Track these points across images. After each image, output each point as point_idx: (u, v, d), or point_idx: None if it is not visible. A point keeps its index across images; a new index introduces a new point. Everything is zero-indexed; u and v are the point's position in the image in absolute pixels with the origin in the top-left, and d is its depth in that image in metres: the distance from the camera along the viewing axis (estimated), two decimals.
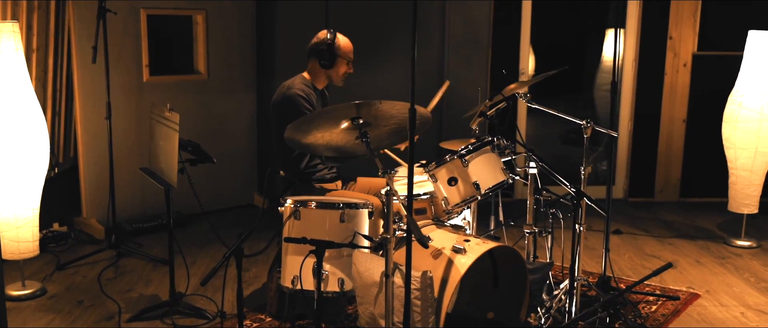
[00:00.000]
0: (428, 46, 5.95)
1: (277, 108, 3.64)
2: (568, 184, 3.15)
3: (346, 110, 2.83)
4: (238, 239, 2.91)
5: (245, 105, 5.75)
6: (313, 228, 3.07)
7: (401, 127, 3.00)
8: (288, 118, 3.59)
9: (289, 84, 3.69)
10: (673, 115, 6.07)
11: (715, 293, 4.09)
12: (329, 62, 3.69)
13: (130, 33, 5.06)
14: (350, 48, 3.74)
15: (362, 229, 3.13)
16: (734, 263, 4.62)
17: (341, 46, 3.70)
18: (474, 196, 3.12)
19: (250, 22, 5.67)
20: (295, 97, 3.59)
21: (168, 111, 3.54)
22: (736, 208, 4.95)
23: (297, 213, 3.08)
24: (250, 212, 5.72)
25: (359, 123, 2.89)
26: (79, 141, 4.97)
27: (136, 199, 5.24)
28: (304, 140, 2.99)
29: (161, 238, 5.01)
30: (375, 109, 2.81)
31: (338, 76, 3.75)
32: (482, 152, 3.14)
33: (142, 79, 5.17)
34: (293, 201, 3.12)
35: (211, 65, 5.49)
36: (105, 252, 4.63)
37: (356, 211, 3.10)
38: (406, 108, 2.83)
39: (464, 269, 2.85)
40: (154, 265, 4.49)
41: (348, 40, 3.75)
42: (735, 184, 4.92)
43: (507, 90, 3.37)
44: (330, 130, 2.94)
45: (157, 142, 3.70)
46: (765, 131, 4.72)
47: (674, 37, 5.96)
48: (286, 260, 3.15)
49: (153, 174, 3.74)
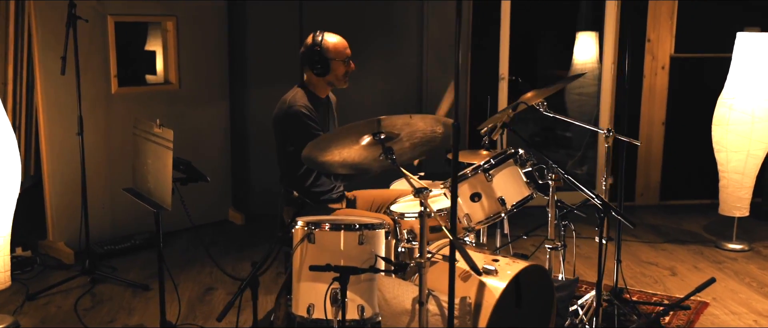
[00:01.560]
0: (406, 49, 5.77)
1: (281, 124, 3.39)
2: (593, 196, 3.01)
3: (369, 125, 2.62)
4: (252, 268, 2.66)
5: (218, 116, 5.46)
6: (329, 252, 2.84)
7: (425, 141, 2.79)
8: (292, 136, 3.36)
9: (290, 100, 3.43)
10: (652, 117, 6.03)
11: (723, 301, 4.02)
12: (323, 69, 3.44)
13: (97, 42, 4.72)
14: (342, 46, 3.47)
15: (380, 250, 2.91)
16: (732, 267, 4.57)
17: (331, 48, 3.44)
18: (499, 212, 2.94)
19: (222, 27, 5.38)
20: (300, 114, 3.34)
21: (158, 127, 3.26)
22: (727, 211, 4.91)
23: (311, 236, 2.84)
24: (227, 228, 5.44)
25: (381, 138, 2.68)
26: (43, 158, 4.61)
27: (105, 219, 4.90)
28: (321, 158, 2.76)
29: (135, 260, 4.69)
30: (404, 123, 2.60)
31: (338, 79, 3.50)
32: (506, 165, 2.96)
33: (111, 91, 4.83)
34: (305, 223, 2.88)
35: (183, 74, 5.18)
36: (78, 279, 4.29)
37: (374, 232, 2.88)
38: (434, 121, 2.63)
39: (499, 293, 2.66)
40: (134, 291, 4.18)
41: (338, 39, 3.48)
42: (726, 187, 4.88)
43: (525, 98, 3.20)
44: (350, 147, 2.72)
45: (144, 161, 3.40)
46: (756, 134, 4.69)
47: (652, 40, 5.92)
48: (299, 287, 2.90)
49: (140, 195, 3.44)
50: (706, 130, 5.86)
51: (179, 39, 5.11)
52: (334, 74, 3.46)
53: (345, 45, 3.47)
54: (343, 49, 3.46)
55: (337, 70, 3.46)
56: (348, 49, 3.48)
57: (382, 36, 5.71)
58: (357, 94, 5.40)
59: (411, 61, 5.76)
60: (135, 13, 4.95)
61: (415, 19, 5.74)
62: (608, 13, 5.95)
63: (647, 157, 6.08)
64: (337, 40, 3.46)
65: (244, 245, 5.02)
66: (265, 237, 5.21)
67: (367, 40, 5.62)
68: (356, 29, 5.51)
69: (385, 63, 5.73)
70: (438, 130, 2.72)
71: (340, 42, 3.46)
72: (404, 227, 3.14)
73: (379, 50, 5.69)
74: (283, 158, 3.51)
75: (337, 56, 3.44)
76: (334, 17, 5.52)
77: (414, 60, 5.76)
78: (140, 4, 4.93)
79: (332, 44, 3.43)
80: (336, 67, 3.44)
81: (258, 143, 5.71)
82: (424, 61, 5.74)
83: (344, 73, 3.48)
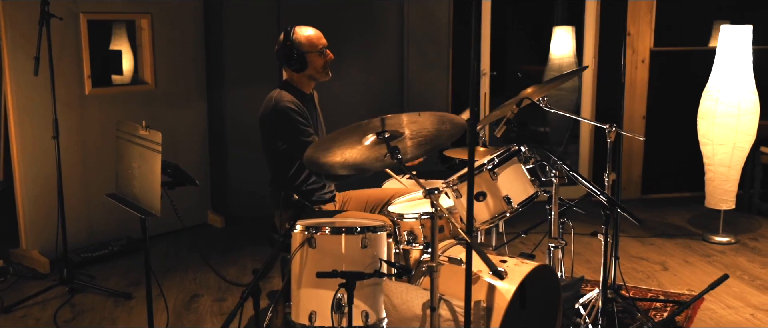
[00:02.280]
0: (387, 47, 5.67)
1: (268, 123, 3.26)
2: (598, 192, 2.94)
3: (373, 124, 2.51)
4: (254, 275, 2.54)
5: (196, 116, 5.30)
6: (331, 257, 2.73)
7: (429, 139, 2.70)
8: (282, 133, 3.24)
9: (276, 97, 3.29)
10: (633, 112, 6.02)
11: (718, 295, 3.99)
12: (300, 64, 3.30)
13: (69, 41, 4.53)
14: (316, 37, 3.31)
15: (383, 253, 2.81)
16: (721, 260, 4.56)
17: (304, 41, 3.28)
18: (504, 211, 2.85)
19: (197, 26, 5.22)
20: (287, 110, 3.21)
21: (144, 129, 3.11)
22: (714, 204, 4.90)
23: (312, 241, 2.73)
24: (206, 232, 5.28)
25: (386, 137, 2.57)
26: (13, 163, 4.41)
27: (81, 225, 4.71)
28: (323, 160, 2.64)
29: (114, 267, 4.51)
30: (411, 121, 2.49)
31: (318, 71, 3.34)
32: (510, 163, 2.87)
33: (84, 92, 4.64)
34: (304, 226, 2.77)
35: (159, 74, 5.01)
36: (55, 289, 4.10)
37: (377, 235, 2.78)
38: (438, 118, 2.53)
39: (510, 296, 2.58)
40: (115, 300, 4.01)
41: (311, 30, 3.32)
42: (712, 180, 4.88)
43: (526, 94, 3.12)
44: (352, 147, 2.61)
45: (129, 165, 3.25)
46: (743, 126, 4.69)
47: (632, 34, 5.90)
48: (300, 293, 2.79)
49: (125, 201, 3.28)
50: (686, 123, 5.88)
51: (154, 38, 4.94)
52: (313, 67, 3.33)
53: (319, 36, 3.33)
54: (317, 40, 3.32)
55: (315, 63, 3.32)
56: (322, 39, 3.33)
57: (362, 33, 5.60)
58: (337, 92, 5.29)
59: (391, 57, 5.66)
60: (108, 11, 4.76)
61: (395, 16, 5.64)
62: (588, 7, 5.92)
63: (629, 152, 6.07)
64: (310, 32, 3.32)
65: (226, 249, 4.87)
66: (248, 240, 5.07)
67: (346, 37, 5.51)
68: (335, 27, 5.39)
69: (365, 60, 5.62)
70: (444, 128, 2.63)
71: (314, 33, 3.32)
72: (404, 228, 3.04)
73: (359, 47, 5.58)
74: (272, 158, 3.38)
75: (312, 48, 3.29)
76: (312, 15, 5.38)
77: (394, 56, 5.67)
78: (113, 2, 4.74)
79: (305, 37, 3.29)
80: (313, 59, 3.31)
81: (236, 144, 5.56)
82: (405, 57, 5.65)
83: (323, 64, 3.34)
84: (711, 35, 6.41)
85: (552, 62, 7.41)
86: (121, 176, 3.36)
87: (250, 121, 5.59)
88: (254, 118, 5.58)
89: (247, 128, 5.52)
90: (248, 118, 5.51)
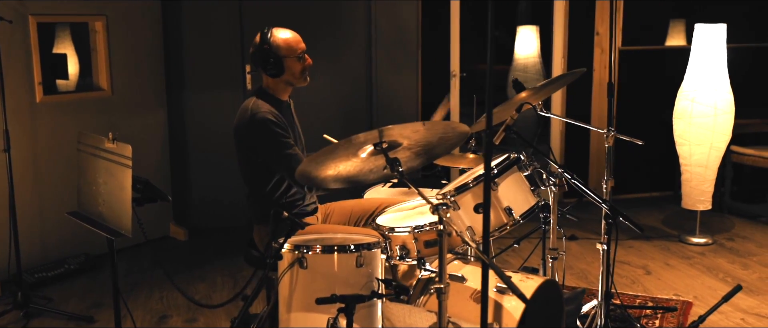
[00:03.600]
0: (354, 50, 5.48)
1: (245, 135, 3.03)
2: (600, 200, 2.82)
3: (371, 136, 2.32)
4: (243, 301, 2.32)
5: (155, 123, 5.01)
6: (324, 278, 2.53)
7: (429, 148, 2.52)
8: (259, 147, 3.03)
9: (253, 107, 3.06)
10: (602, 112, 5.96)
11: (705, 299, 3.93)
12: (276, 69, 3.08)
13: (17, 45, 4.21)
14: (294, 41, 3.10)
15: (378, 272, 2.63)
16: (702, 262, 4.51)
17: (281, 45, 3.06)
18: (505, 224, 2.69)
19: (155, 28, 4.93)
20: (266, 122, 2.99)
21: (111, 142, 2.86)
22: (691, 205, 4.85)
23: (302, 261, 2.52)
24: (169, 245, 5.00)
25: (384, 148, 2.38)
26: None
27: (34, 243, 4.39)
28: (314, 173, 2.44)
29: (72, 288, 4.21)
30: (413, 131, 2.31)
31: (296, 77, 3.12)
32: (510, 172, 2.72)
33: (35, 100, 4.33)
34: (293, 245, 2.56)
35: (115, 79, 4.72)
36: (8, 314, 3.79)
37: (372, 252, 2.59)
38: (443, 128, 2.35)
39: (519, 315, 2.42)
40: (76, 324, 3.72)
41: (289, 33, 3.10)
42: (689, 181, 4.83)
43: (521, 98, 2.97)
44: (348, 160, 2.41)
45: (93, 181, 2.99)
46: (719, 126, 4.65)
47: (601, 33, 5.84)
48: (290, 318, 2.57)
49: (89, 220, 3.02)
50: (654, 122, 5.85)
51: (110, 41, 4.64)
52: (291, 73, 3.11)
53: (297, 39, 3.12)
54: (296, 44, 3.10)
55: (292, 68, 3.10)
56: (301, 43, 3.12)
57: (328, 34, 5.39)
58: (303, 95, 5.05)
59: (359, 60, 5.48)
60: (59, 12, 4.46)
61: (362, 18, 5.45)
62: (557, 7, 5.82)
63: (598, 152, 6.01)
64: (288, 35, 3.10)
65: (192, 264, 4.61)
66: (214, 253, 4.81)
67: (311, 39, 5.25)
68: (300, 29, 5.14)
69: (332, 62, 5.42)
70: (447, 137, 2.45)
71: (292, 37, 3.11)
72: (395, 242, 2.86)
73: (325, 49, 5.37)
74: (249, 171, 3.16)
75: (290, 53, 3.07)
76: (276, 15, 5.17)
77: (362, 59, 5.48)
78: (65, 3, 4.44)
79: (283, 40, 3.08)
80: (291, 65, 3.09)
81: (199, 151, 5.29)
82: (373, 59, 5.46)
83: (301, 69, 3.13)
84: (667, 34, 6.42)
85: (517, 62, 7.33)
86: (84, 192, 3.09)
87: (212, 126, 5.36)
88: (217, 124, 5.37)
89: (209, 134, 5.26)
90: (211, 124, 5.27)
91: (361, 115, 5.54)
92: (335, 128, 5.26)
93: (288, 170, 2.96)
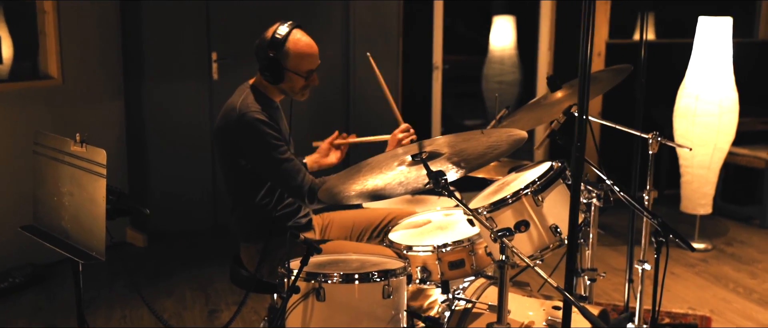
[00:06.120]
0: (330, 41, 5.03)
1: (230, 136, 2.57)
2: (650, 215, 2.49)
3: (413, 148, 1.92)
4: None
5: (111, 116, 4.49)
6: (345, 312, 2.13)
7: (472, 158, 2.13)
8: (247, 149, 2.58)
9: (241, 105, 2.59)
10: (590, 108, 5.67)
11: (722, 313, 3.67)
12: (274, 77, 2.60)
13: None
14: (307, 56, 2.59)
15: (405, 303, 2.24)
16: (708, 271, 4.26)
17: (292, 55, 2.56)
18: (548, 245, 2.32)
19: (112, 11, 4.40)
20: (256, 122, 2.53)
21: (78, 144, 2.39)
22: (691, 209, 4.61)
23: (319, 291, 2.11)
24: (127, 253, 4.50)
25: (423, 158, 1.99)
26: None
27: None
28: (338, 189, 2.03)
29: (19, 304, 3.70)
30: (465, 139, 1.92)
31: (294, 91, 2.65)
32: (555, 185, 2.35)
33: None
34: (306, 273, 2.14)
35: (66, 67, 4.18)
36: None
37: (399, 280, 2.20)
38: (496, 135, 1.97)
39: None
40: None
41: (305, 43, 2.59)
42: (690, 183, 4.57)
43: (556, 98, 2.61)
44: (381, 171, 2.01)
45: (55, 191, 2.50)
46: (724, 126, 4.40)
47: None
48: None
49: (50, 237, 2.53)
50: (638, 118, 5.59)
51: (61, 24, 4.10)
52: (290, 86, 2.63)
53: (313, 56, 2.61)
54: (309, 60, 2.60)
55: (294, 83, 2.62)
56: (315, 61, 2.62)
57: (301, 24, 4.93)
58: None
59: (335, 55, 5.04)
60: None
61: (339, 12, 5.01)
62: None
63: (586, 152, 5.72)
64: (304, 43, 2.58)
65: (155, 275, 4.13)
66: (178, 263, 4.33)
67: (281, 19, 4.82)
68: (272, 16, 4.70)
69: None
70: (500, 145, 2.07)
71: (307, 48, 2.58)
72: (414, 263, 2.47)
73: None
74: (233, 178, 2.69)
75: (297, 68, 2.58)
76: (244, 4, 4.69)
77: (338, 54, 5.04)
78: None
79: (295, 50, 2.56)
80: (292, 79, 2.60)
81: (159, 148, 4.76)
82: (350, 55, 5.03)
83: (303, 86, 2.64)
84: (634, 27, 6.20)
85: (492, 54, 7.00)
86: (43, 203, 2.60)
87: (175, 120, 4.83)
88: (180, 117, 4.84)
89: (171, 129, 4.75)
90: (173, 118, 4.75)
91: (336, 110, 5.11)
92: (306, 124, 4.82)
93: (283, 178, 2.54)
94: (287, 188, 2.58)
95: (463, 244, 2.47)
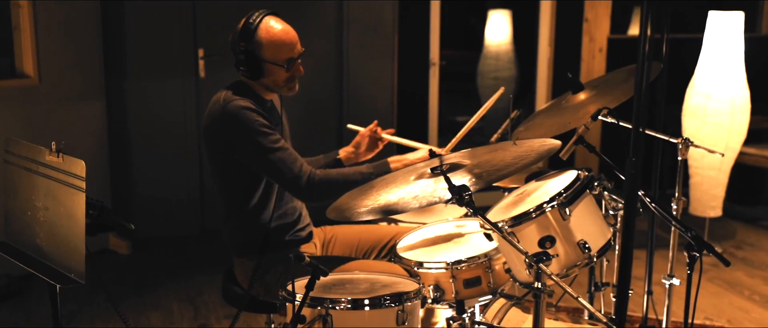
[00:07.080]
0: (323, 36, 4.80)
1: (217, 130, 2.33)
2: (683, 229, 2.30)
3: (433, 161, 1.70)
4: None
5: (92, 117, 4.24)
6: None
7: (495, 170, 1.92)
8: (234, 141, 2.34)
9: (225, 97, 2.34)
10: None
11: (739, 322, 3.50)
12: (252, 72, 2.36)
13: None
14: (283, 43, 2.34)
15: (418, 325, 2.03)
16: (720, 277, 4.08)
17: (265, 44, 2.32)
18: (575, 263, 2.11)
19: (93, 6, 4.15)
20: (241, 110, 2.28)
21: (54, 154, 2.16)
22: (700, 211, 4.43)
23: (326, 319, 1.89)
24: (110, 261, 4.25)
25: (443, 170, 1.77)
26: None
27: None
28: (348, 205, 1.81)
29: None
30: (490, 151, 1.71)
31: (278, 85, 2.40)
32: (582, 197, 2.14)
33: None
34: (311, 299, 1.92)
35: (43, 65, 3.92)
36: None
37: (413, 304, 1.99)
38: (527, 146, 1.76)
39: None
40: None
41: (281, 28, 2.34)
42: (700, 185, 4.39)
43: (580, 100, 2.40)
44: (399, 188, 1.79)
45: (28, 204, 2.26)
46: (736, 125, 4.22)
47: (590, 19, 5.35)
48: None
49: (23, 256, 2.29)
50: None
51: (37, 19, 3.84)
52: (272, 80, 2.38)
53: (290, 42, 2.36)
54: (286, 48, 2.35)
55: (275, 76, 2.37)
56: (295, 48, 2.37)
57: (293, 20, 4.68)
58: None
59: (328, 48, 4.81)
60: None
61: (332, 6, 4.78)
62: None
63: (585, 152, 5.53)
64: (278, 35, 2.33)
65: (140, 286, 3.89)
66: (164, 272, 4.09)
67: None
68: None
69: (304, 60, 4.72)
70: (528, 155, 1.86)
71: (283, 35, 2.34)
72: (426, 281, 2.25)
73: None
74: (224, 181, 2.45)
75: (274, 58, 2.33)
76: None
77: (332, 48, 4.81)
78: None
79: (268, 39, 2.32)
80: (272, 71, 2.36)
81: (143, 150, 4.52)
82: (344, 48, 4.80)
83: (287, 79, 2.39)
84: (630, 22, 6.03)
85: (488, 49, 6.79)
86: (14, 218, 2.35)
87: (159, 120, 4.56)
88: (164, 117, 4.59)
89: (156, 130, 4.51)
90: (158, 118, 4.50)
91: (330, 107, 4.89)
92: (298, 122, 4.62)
93: (277, 169, 2.30)
94: (283, 180, 2.34)
95: (480, 260, 2.26)
